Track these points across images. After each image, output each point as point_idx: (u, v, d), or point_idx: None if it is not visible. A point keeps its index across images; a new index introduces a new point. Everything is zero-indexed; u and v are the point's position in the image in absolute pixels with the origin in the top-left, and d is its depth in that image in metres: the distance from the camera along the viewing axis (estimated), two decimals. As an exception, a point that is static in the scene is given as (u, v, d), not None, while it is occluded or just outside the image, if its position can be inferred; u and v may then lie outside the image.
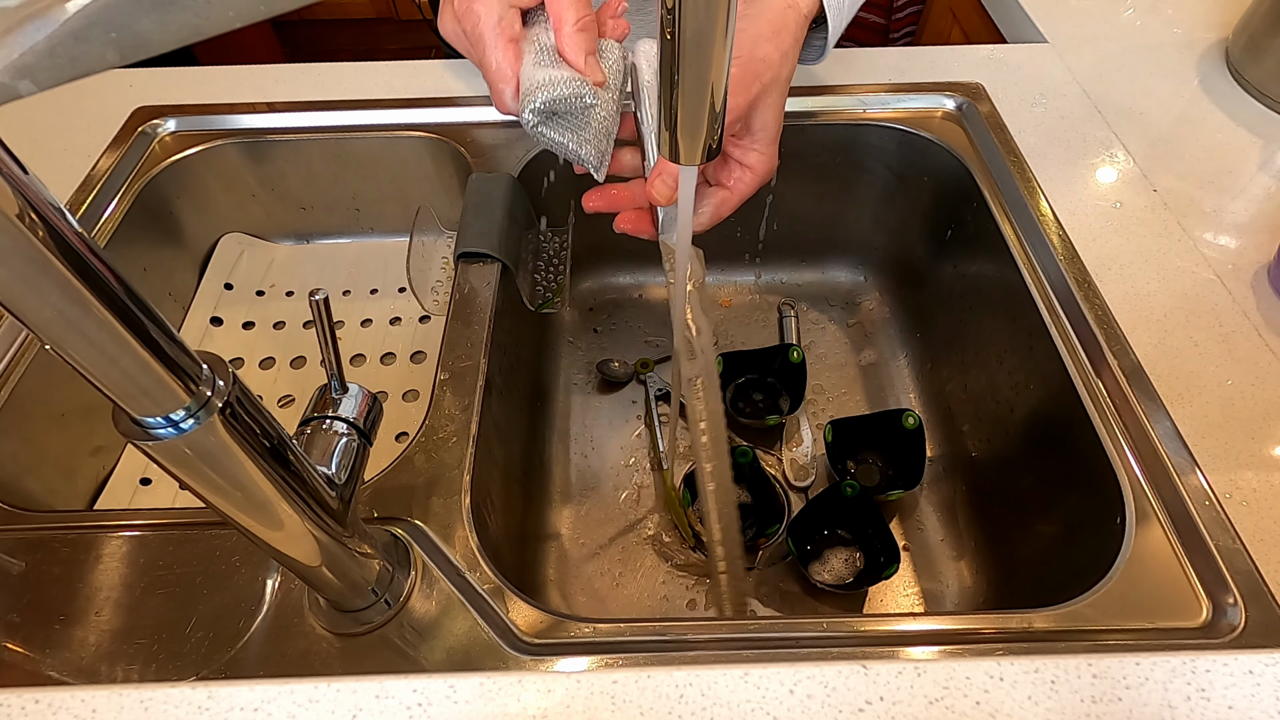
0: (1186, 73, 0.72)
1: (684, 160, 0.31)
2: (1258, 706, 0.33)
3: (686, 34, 0.26)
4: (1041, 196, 0.60)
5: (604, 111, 0.44)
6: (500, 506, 0.52)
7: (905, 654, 0.39)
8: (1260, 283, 0.54)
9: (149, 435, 0.24)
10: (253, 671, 0.39)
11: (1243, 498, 0.43)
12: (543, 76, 0.41)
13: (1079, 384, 0.50)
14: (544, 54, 0.43)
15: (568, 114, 0.43)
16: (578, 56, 0.42)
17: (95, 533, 0.44)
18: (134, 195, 0.64)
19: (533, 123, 0.42)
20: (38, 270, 0.19)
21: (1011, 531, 0.57)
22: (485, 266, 0.57)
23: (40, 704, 0.33)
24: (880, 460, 0.66)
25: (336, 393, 0.37)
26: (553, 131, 0.43)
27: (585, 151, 0.44)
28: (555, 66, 0.42)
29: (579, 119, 0.43)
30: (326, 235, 0.77)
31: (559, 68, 0.42)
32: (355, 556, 0.36)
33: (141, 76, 0.72)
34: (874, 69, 0.71)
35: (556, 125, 0.43)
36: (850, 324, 0.76)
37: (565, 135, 0.43)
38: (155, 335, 0.22)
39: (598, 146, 0.44)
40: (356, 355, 0.68)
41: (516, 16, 0.43)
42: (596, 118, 0.44)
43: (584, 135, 0.43)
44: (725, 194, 0.47)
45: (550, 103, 0.41)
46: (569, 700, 0.33)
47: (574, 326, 0.77)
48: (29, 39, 0.14)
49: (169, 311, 0.68)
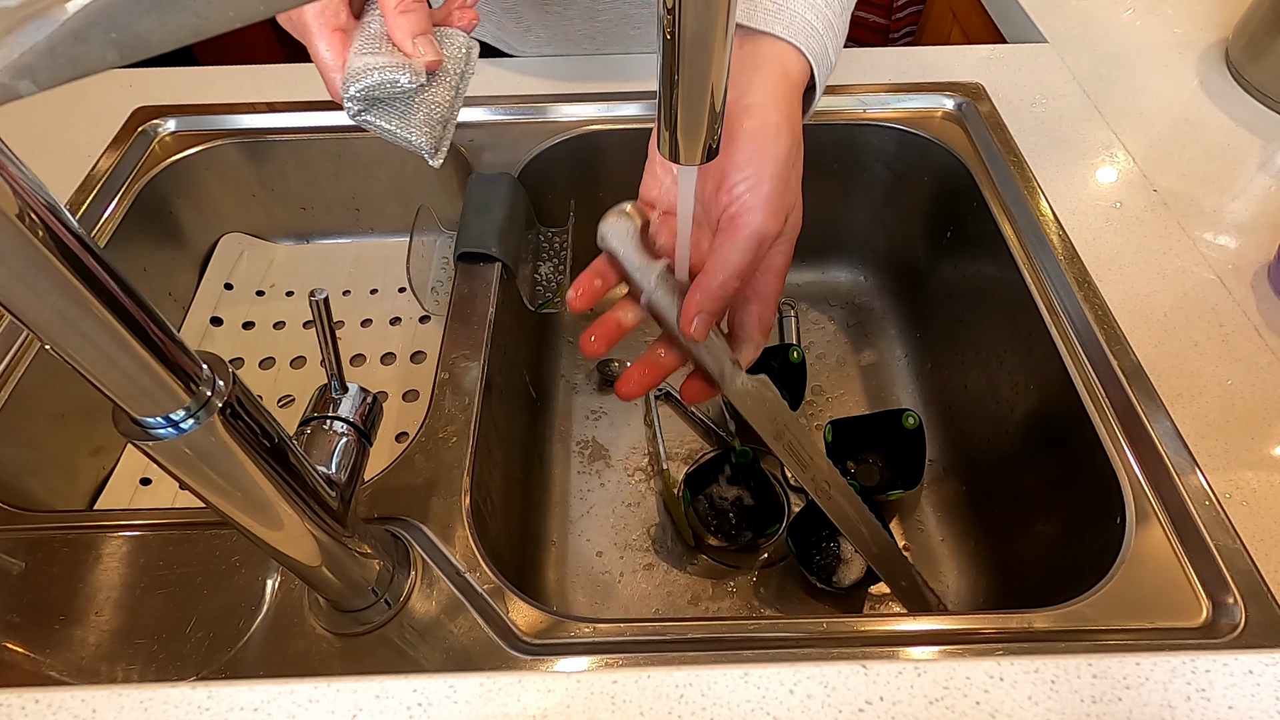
0: (1186, 73, 0.72)
1: (684, 160, 0.31)
2: (1258, 706, 0.33)
3: (686, 34, 0.26)
4: (1041, 196, 0.60)
5: (437, 96, 0.44)
6: (500, 506, 0.52)
7: (905, 654, 0.39)
8: (1260, 283, 0.54)
9: (149, 435, 0.24)
10: (253, 671, 0.39)
11: (1243, 498, 0.43)
12: (360, 64, 0.42)
13: (1079, 384, 0.50)
14: (372, 41, 0.43)
15: (390, 100, 0.43)
16: (404, 39, 0.42)
17: (95, 533, 0.44)
18: (134, 195, 0.64)
19: (354, 110, 0.43)
20: (38, 270, 0.19)
21: (1011, 531, 0.57)
22: (485, 266, 0.57)
23: (40, 704, 0.33)
24: (880, 460, 0.66)
25: (336, 393, 0.37)
26: (378, 118, 0.43)
27: (415, 137, 0.44)
28: (378, 54, 0.42)
29: (404, 104, 0.43)
30: (326, 235, 0.77)
31: (382, 54, 0.42)
32: (355, 556, 0.36)
33: (141, 76, 0.72)
34: (874, 69, 0.71)
35: (381, 112, 0.43)
36: (850, 324, 0.76)
37: (391, 121, 0.43)
38: (155, 335, 0.22)
39: (430, 132, 0.44)
40: (356, 355, 0.68)
41: (342, 5, 0.43)
42: (427, 102, 0.44)
43: (411, 120, 0.43)
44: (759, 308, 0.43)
45: (366, 89, 0.41)
46: (569, 700, 0.33)
47: (574, 326, 0.77)
48: (29, 39, 0.14)
49: (169, 311, 0.68)
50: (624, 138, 0.68)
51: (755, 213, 0.37)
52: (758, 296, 0.42)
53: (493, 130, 0.67)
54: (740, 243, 0.37)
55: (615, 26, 0.71)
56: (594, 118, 0.68)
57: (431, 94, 0.44)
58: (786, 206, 0.39)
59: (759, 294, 0.42)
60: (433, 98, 0.44)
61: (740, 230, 0.37)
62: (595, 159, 0.69)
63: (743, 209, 0.37)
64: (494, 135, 0.67)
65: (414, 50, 0.42)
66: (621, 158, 0.70)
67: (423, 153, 0.45)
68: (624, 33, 0.72)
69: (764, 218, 0.37)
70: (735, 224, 0.37)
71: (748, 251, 0.37)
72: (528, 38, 0.72)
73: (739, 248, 0.37)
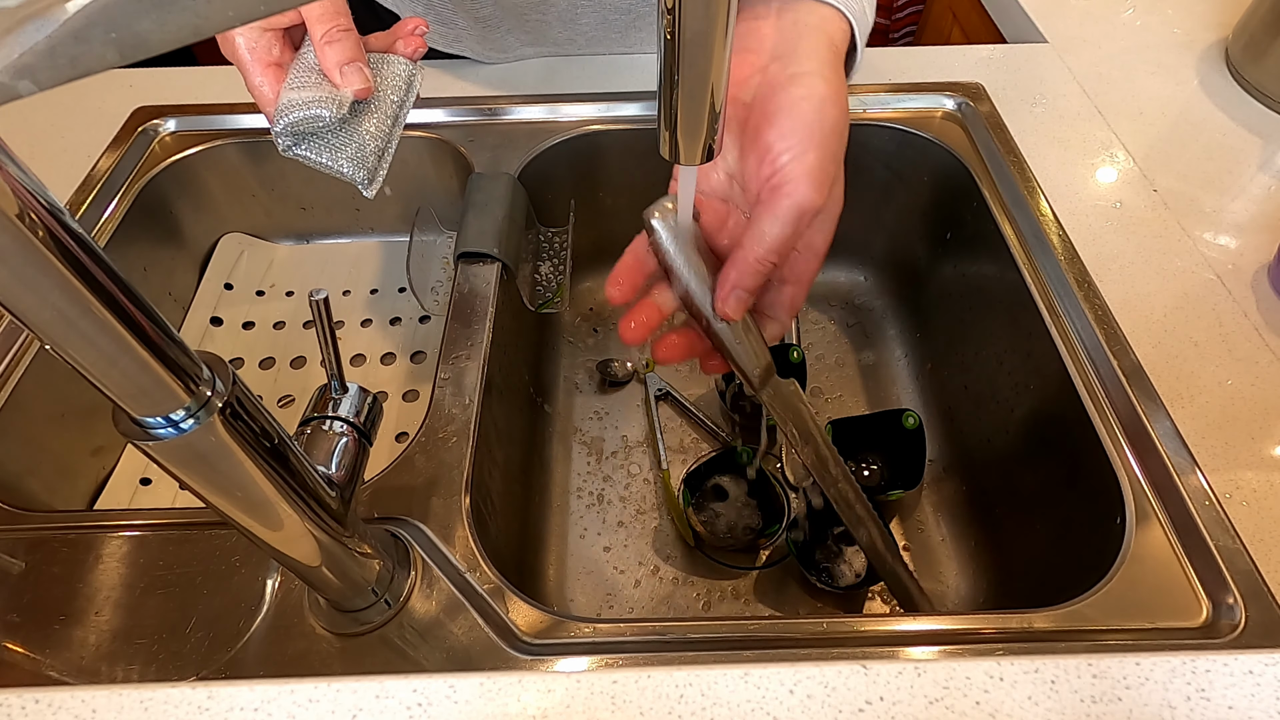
0: (1186, 73, 0.72)
1: (684, 160, 0.31)
2: (1258, 706, 0.33)
3: (686, 34, 0.26)
4: (1041, 196, 0.60)
5: (371, 126, 0.44)
6: (500, 506, 0.52)
7: (905, 654, 0.39)
8: (1260, 283, 0.54)
9: (149, 435, 0.24)
10: (253, 671, 0.39)
11: (1243, 498, 0.43)
12: (286, 99, 0.42)
13: (1079, 384, 0.50)
14: (306, 73, 0.43)
15: (319, 133, 0.44)
16: (331, 69, 0.43)
17: (95, 533, 0.44)
18: (134, 195, 0.64)
19: (285, 145, 0.43)
20: (38, 270, 0.19)
21: (1011, 531, 0.57)
22: (485, 266, 0.57)
23: (40, 704, 0.33)
24: (880, 460, 0.66)
25: (336, 393, 0.37)
26: (308, 151, 0.44)
27: (346, 168, 0.44)
28: (306, 87, 0.43)
29: (334, 136, 0.44)
30: (326, 235, 0.77)
31: (309, 88, 0.42)
32: (355, 556, 0.36)
33: (141, 76, 0.72)
34: (874, 69, 0.71)
35: (310, 145, 0.44)
36: (850, 324, 0.76)
37: (322, 154, 0.44)
38: (155, 335, 0.22)
39: (362, 163, 0.44)
40: (356, 355, 0.68)
41: (273, 40, 0.44)
42: (360, 133, 0.44)
43: (341, 153, 0.44)
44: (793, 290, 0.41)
45: (291, 125, 0.42)
46: (569, 700, 0.33)
47: (574, 326, 0.77)
48: (29, 39, 0.14)
49: (169, 311, 0.68)
50: (624, 138, 0.68)
51: (798, 183, 0.35)
52: (794, 277, 0.39)
53: (493, 130, 0.67)
54: (781, 214, 0.35)
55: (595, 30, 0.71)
56: (594, 118, 0.68)
57: (365, 124, 0.45)
58: (830, 178, 0.36)
59: (795, 275, 0.39)
60: (366, 128, 0.44)
61: (781, 201, 0.35)
62: (595, 159, 0.69)
63: (785, 179, 0.35)
64: (494, 135, 0.67)
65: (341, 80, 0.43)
66: (621, 158, 0.70)
67: (356, 184, 0.45)
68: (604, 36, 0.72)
69: (808, 189, 0.35)
70: (777, 195, 0.35)
71: (788, 224, 0.35)
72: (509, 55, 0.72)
73: (780, 219, 0.35)
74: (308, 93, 0.42)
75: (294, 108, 0.42)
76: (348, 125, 0.44)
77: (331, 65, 0.43)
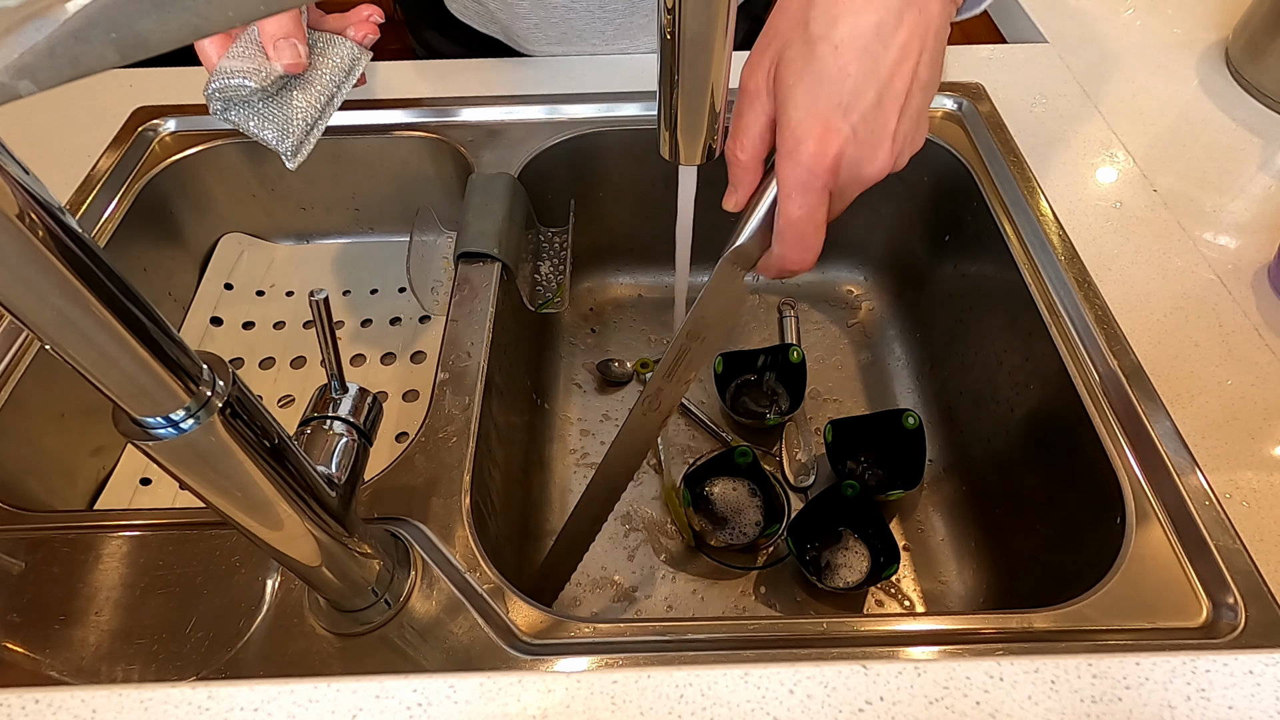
0: (1186, 73, 0.72)
1: (684, 160, 0.31)
2: (1258, 706, 0.33)
3: (686, 34, 0.26)
4: (1041, 196, 0.60)
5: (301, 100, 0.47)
6: (500, 506, 0.52)
7: (905, 654, 0.39)
8: (1260, 283, 0.54)
9: (149, 435, 0.24)
10: (253, 671, 0.39)
11: (1243, 498, 0.43)
12: (221, 66, 0.45)
13: (1079, 384, 0.50)
14: (247, 44, 0.46)
15: (250, 101, 0.46)
16: (267, 42, 0.45)
17: (95, 533, 0.44)
18: (134, 195, 0.64)
19: (216, 109, 0.46)
20: (38, 270, 0.19)
21: (1011, 531, 0.57)
22: (485, 266, 0.57)
23: (40, 704, 0.33)
24: (880, 460, 0.66)
25: (336, 393, 0.37)
26: (236, 117, 0.47)
27: (270, 136, 0.47)
28: (243, 57, 0.45)
29: (264, 105, 0.47)
30: (326, 235, 0.77)
31: (245, 59, 0.45)
32: (355, 556, 0.36)
33: (141, 76, 0.72)
34: (874, 69, 0.71)
35: (240, 111, 0.47)
36: (850, 324, 0.76)
37: (249, 121, 0.47)
38: (155, 335, 0.22)
39: (286, 132, 0.47)
40: (356, 355, 0.68)
41: None
42: (289, 105, 0.47)
43: (267, 121, 0.47)
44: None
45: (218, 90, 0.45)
46: (569, 700, 0.33)
47: (574, 326, 0.77)
48: (29, 39, 0.14)
49: (169, 311, 0.68)
50: (624, 138, 0.68)
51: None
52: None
53: (493, 130, 0.67)
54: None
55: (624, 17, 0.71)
56: (594, 118, 0.68)
57: (296, 98, 0.47)
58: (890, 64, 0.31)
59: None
60: (297, 101, 0.47)
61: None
62: (595, 159, 0.69)
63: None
64: (494, 135, 0.67)
65: (273, 53, 0.45)
66: (621, 158, 0.70)
67: (280, 152, 0.48)
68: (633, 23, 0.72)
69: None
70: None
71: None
72: (535, 34, 0.72)
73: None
74: (241, 63, 0.45)
75: (223, 75, 0.45)
76: (280, 97, 0.47)
77: (267, 38, 0.45)
